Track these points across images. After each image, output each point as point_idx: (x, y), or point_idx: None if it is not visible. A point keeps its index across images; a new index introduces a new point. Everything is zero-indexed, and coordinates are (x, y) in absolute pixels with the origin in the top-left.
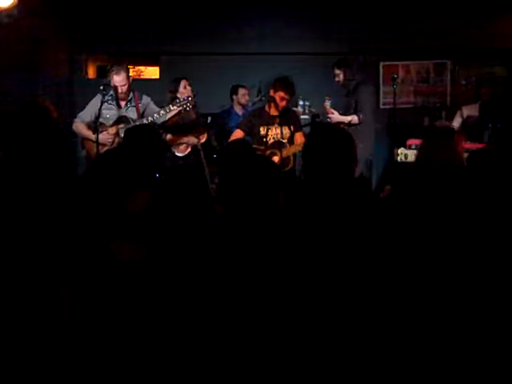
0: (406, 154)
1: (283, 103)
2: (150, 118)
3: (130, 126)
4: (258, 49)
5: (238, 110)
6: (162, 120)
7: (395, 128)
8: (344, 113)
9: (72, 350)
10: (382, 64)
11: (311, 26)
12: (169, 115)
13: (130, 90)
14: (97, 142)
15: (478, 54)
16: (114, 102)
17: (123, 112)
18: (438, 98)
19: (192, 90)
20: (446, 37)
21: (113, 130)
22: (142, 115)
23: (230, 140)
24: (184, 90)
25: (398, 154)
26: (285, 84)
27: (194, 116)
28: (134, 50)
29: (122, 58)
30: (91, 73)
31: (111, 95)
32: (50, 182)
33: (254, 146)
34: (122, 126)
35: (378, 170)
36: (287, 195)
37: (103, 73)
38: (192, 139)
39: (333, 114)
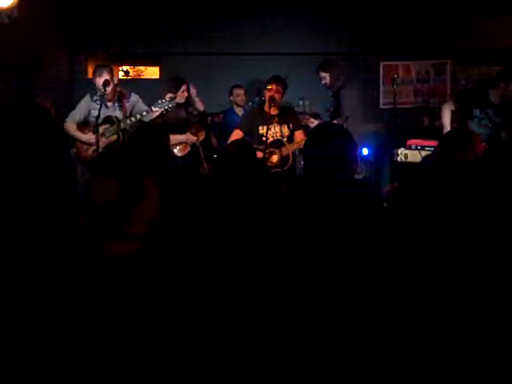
0: (406, 154)
1: (275, 95)
2: (133, 119)
3: (113, 126)
4: (258, 49)
5: (238, 110)
6: (147, 119)
7: (395, 128)
8: (332, 114)
9: (71, 345)
10: (382, 64)
11: (311, 26)
12: (153, 115)
13: (115, 90)
14: (97, 142)
15: (478, 54)
16: (101, 102)
17: (110, 111)
18: (438, 98)
19: (187, 95)
20: (446, 37)
21: (99, 130)
22: (130, 114)
23: (229, 140)
24: (181, 94)
25: (398, 154)
26: (273, 77)
27: (183, 114)
28: (134, 50)
29: (122, 58)
30: (91, 73)
31: (99, 95)
32: (50, 180)
33: (254, 145)
34: (107, 125)
35: (377, 169)
36: (286, 194)
37: None
38: (190, 138)
39: (312, 122)
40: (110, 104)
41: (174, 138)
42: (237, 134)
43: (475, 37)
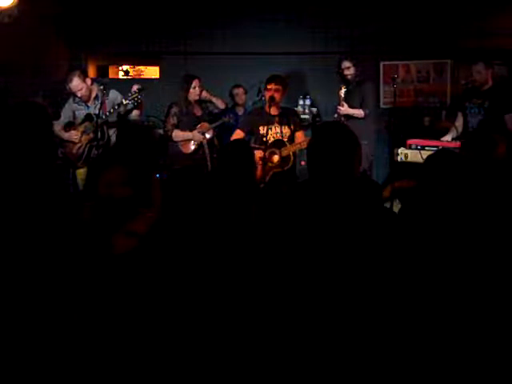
0: (406, 153)
1: (275, 94)
2: (108, 114)
3: (92, 123)
4: (258, 49)
5: (239, 110)
6: (121, 112)
7: (395, 128)
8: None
9: (78, 348)
10: (382, 64)
11: (311, 26)
12: (126, 108)
13: (89, 90)
14: (97, 140)
15: (478, 53)
16: (83, 102)
17: (91, 110)
18: (438, 97)
19: (202, 91)
20: (446, 37)
21: (81, 128)
22: (111, 110)
23: (230, 140)
24: (192, 90)
25: (398, 154)
26: (272, 76)
27: (197, 112)
28: (134, 49)
29: (122, 57)
30: (91, 73)
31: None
32: (48, 181)
33: (255, 145)
34: (87, 123)
35: (377, 169)
36: (289, 193)
37: (103, 73)
38: (197, 136)
39: (343, 106)
40: (90, 103)
41: (181, 134)
42: (238, 134)
43: (475, 37)
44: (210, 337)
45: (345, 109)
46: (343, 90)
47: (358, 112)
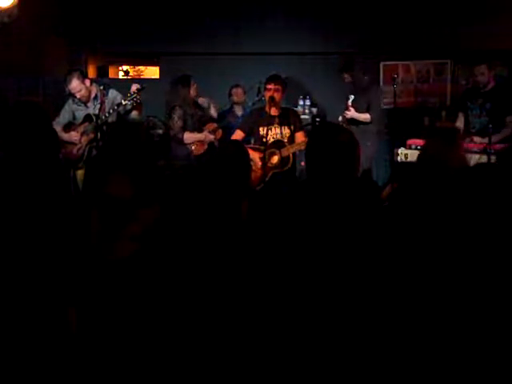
0: (406, 153)
1: (274, 94)
2: (107, 114)
3: (91, 123)
4: (258, 49)
5: (237, 110)
6: (121, 112)
7: (395, 128)
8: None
9: (80, 358)
10: (382, 64)
11: (311, 26)
12: (126, 108)
13: (88, 91)
14: (97, 141)
15: (479, 54)
16: (82, 103)
17: (91, 110)
18: (438, 97)
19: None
20: (446, 37)
21: (80, 129)
22: (110, 111)
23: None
24: (192, 90)
25: (398, 154)
26: (271, 76)
27: (200, 113)
28: (134, 50)
29: (122, 57)
30: (91, 73)
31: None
32: (50, 183)
33: (255, 145)
34: (86, 124)
35: (378, 170)
36: (290, 194)
37: (103, 73)
38: (208, 136)
39: (349, 111)
40: (89, 104)
41: (192, 136)
42: (238, 135)
43: (475, 37)
44: (206, 335)
45: (351, 113)
46: (351, 99)
47: (365, 116)
